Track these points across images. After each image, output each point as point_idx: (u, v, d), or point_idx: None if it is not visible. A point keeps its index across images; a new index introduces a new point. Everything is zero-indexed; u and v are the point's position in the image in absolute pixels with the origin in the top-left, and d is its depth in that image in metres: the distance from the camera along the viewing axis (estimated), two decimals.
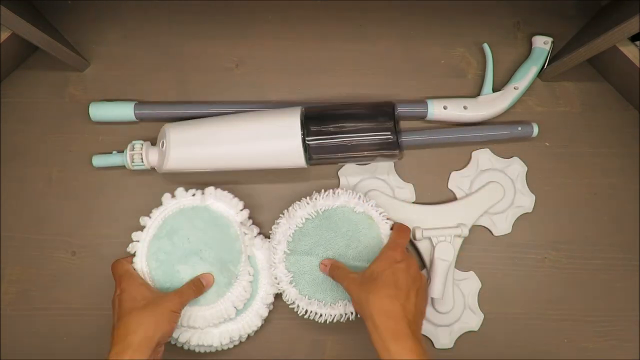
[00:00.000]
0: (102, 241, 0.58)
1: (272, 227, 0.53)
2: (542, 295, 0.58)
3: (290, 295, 0.52)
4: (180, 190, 0.53)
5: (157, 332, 0.44)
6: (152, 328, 0.44)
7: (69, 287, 0.57)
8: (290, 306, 0.52)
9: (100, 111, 0.58)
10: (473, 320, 0.57)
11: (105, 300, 0.56)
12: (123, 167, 0.56)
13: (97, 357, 0.55)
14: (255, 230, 0.56)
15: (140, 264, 0.51)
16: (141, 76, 0.61)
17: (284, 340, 0.57)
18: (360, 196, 0.53)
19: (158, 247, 0.52)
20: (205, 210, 0.52)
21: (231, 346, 0.54)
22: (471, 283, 0.57)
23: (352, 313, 0.51)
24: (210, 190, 0.53)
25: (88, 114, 0.58)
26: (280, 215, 0.53)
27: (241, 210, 0.53)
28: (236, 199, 0.53)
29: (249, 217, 0.55)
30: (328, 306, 0.52)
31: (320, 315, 0.52)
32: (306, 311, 0.52)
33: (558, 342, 0.57)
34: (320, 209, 0.52)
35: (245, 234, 0.53)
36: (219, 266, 0.52)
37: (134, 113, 0.58)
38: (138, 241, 0.52)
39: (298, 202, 0.53)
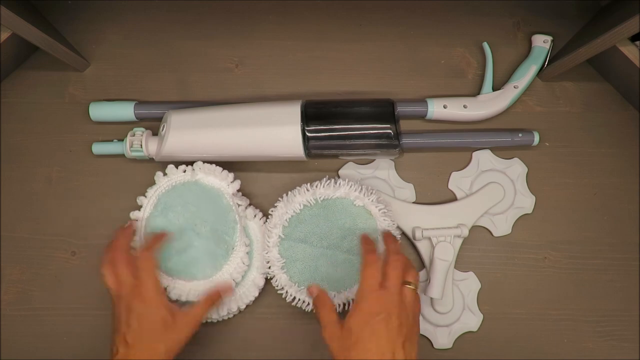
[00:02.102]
0: (102, 241, 0.57)
1: (270, 210, 0.53)
2: (542, 295, 0.58)
3: (281, 280, 0.52)
4: (171, 167, 0.53)
5: (170, 356, 0.44)
6: (165, 354, 0.44)
7: (69, 287, 0.57)
8: (279, 291, 0.52)
9: (100, 111, 0.58)
10: (472, 320, 0.57)
11: (105, 300, 0.56)
12: (123, 161, 0.56)
13: (97, 357, 0.55)
14: (246, 201, 0.55)
15: (139, 243, 0.52)
16: (141, 76, 0.61)
17: (284, 340, 0.57)
18: (362, 189, 0.52)
19: (154, 225, 0.52)
20: (195, 184, 0.53)
21: (231, 316, 0.54)
22: (471, 283, 0.57)
23: (338, 305, 0.51)
24: (199, 164, 0.53)
25: (88, 114, 0.58)
26: (279, 199, 0.53)
27: (232, 182, 0.53)
28: (225, 171, 0.53)
29: (238, 190, 0.55)
30: None
31: (308, 304, 0.51)
32: (294, 298, 0.52)
33: (558, 342, 0.57)
34: (320, 198, 0.51)
35: (239, 204, 0.53)
36: (215, 239, 0.52)
37: (134, 113, 0.58)
38: (137, 220, 0.53)
39: (298, 188, 0.52)
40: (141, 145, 0.54)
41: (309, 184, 0.52)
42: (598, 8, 0.62)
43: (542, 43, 0.61)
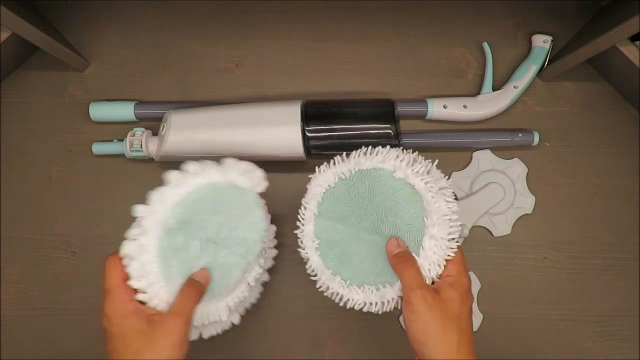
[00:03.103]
0: (102, 241, 0.58)
1: (307, 185, 0.45)
2: (542, 295, 0.58)
3: (314, 264, 0.44)
4: (192, 166, 0.41)
5: None
6: None
7: (69, 287, 0.57)
8: (312, 278, 0.45)
9: (100, 111, 0.58)
10: (472, 320, 0.57)
11: None
12: (123, 161, 0.56)
13: (97, 357, 0.55)
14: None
15: (153, 273, 0.39)
16: (141, 76, 0.61)
17: (284, 340, 0.57)
18: (405, 157, 0.41)
19: (170, 243, 0.40)
20: (224, 185, 0.42)
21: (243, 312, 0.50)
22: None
23: (375, 304, 0.43)
24: (229, 161, 0.42)
25: (88, 114, 0.58)
26: (317, 167, 0.44)
27: (262, 180, 0.43)
28: (258, 168, 0.44)
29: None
30: (352, 288, 0.43)
31: (341, 296, 0.43)
32: (327, 287, 0.44)
33: (558, 342, 0.57)
34: (354, 169, 0.42)
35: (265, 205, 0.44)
36: (240, 248, 0.42)
37: (134, 113, 0.58)
38: (138, 240, 0.40)
39: (334, 158, 0.44)
40: (141, 145, 0.54)
41: (345, 153, 0.43)
42: (598, 8, 0.62)
43: (542, 43, 0.61)
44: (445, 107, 0.58)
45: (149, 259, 0.39)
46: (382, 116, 0.54)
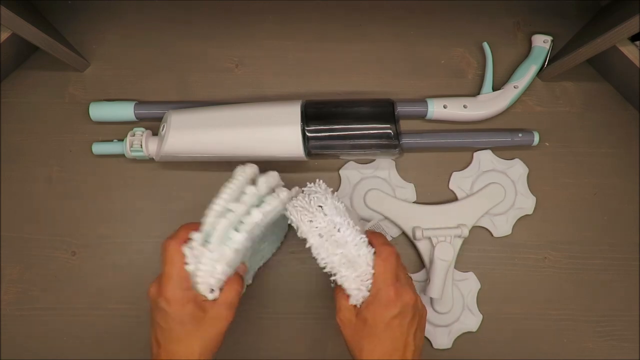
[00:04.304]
0: (102, 241, 0.58)
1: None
2: (541, 295, 0.58)
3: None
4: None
5: (207, 355, 0.41)
6: (201, 352, 0.40)
7: (69, 287, 0.57)
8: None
9: (101, 111, 0.58)
10: (472, 320, 0.57)
11: (105, 300, 0.56)
12: (123, 161, 0.56)
13: (97, 357, 0.55)
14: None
15: (220, 267, 0.41)
16: (141, 76, 0.61)
17: (284, 340, 0.57)
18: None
19: (243, 254, 0.43)
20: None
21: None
22: (470, 284, 0.57)
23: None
24: (286, 193, 0.43)
25: (88, 114, 0.58)
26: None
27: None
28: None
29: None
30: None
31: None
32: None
33: (558, 342, 0.57)
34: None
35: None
36: (273, 228, 0.49)
37: (134, 113, 0.58)
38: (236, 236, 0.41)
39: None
40: (141, 145, 0.54)
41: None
42: (598, 8, 0.62)
43: (542, 43, 0.61)
44: (445, 107, 0.58)
45: (224, 266, 0.41)
46: (382, 116, 0.54)
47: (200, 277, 0.40)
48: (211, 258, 0.40)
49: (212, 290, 0.41)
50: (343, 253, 0.41)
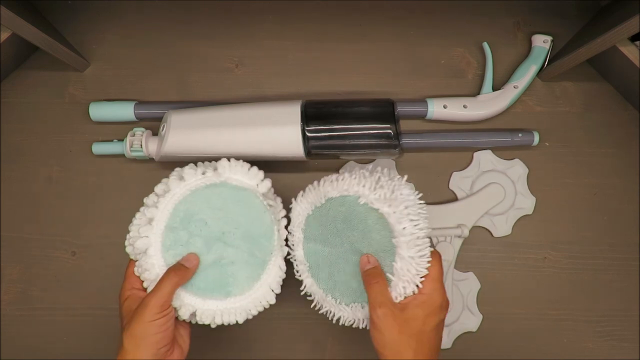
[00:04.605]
0: (102, 241, 0.58)
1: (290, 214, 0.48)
2: (541, 295, 0.58)
3: (307, 285, 0.48)
4: (189, 170, 0.45)
5: (146, 355, 0.40)
6: (135, 355, 0.39)
7: (69, 287, 0.57)
8: (308, 298, 0.49)
9: (101, 111, 0.58)
10: (472, 321, 0.57)
11: (105, 300, 0.56)
12: (123, 161, 0.56)
13: (97, 357, 0.55)
14: (279, 201, 0.49)
15: (157, 266, 0.44)
16: (141, 76, 0.61)
17: (284, 340, 0.57)
18: (365, 183, 0.41)
19: (173, 239, 0.45)
20: (221, 186, 0.45)
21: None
22: (470, 284, 0.57)
23: (362, 320, 0.45)
24: (224, 163, 0.45)
25: (88, 114, 0.58)
26: (293, 199, 0.47)
27: (262, 180, 0.47)
28: (255, 168, 0.46)
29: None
30: (342, 307, 0.46)
31: (332, 313, 0.47)
32: (321, 306, 0.48)
33: (558, 342, 0.57)
34: (323, 197, 0.44)
35: (270, 205, 0.47)
36: (249, 246, 0.46)
37: (134, 113, 0.58)
38: (147, 237, 0.44)
39: (310, 185, 0.46)
40: (141, 145, 0.54)
41: (316, 182, 0.45)
42: (598, 8, 0.62)
43: (542, 43, 0.61)
44: (445, 107, 0.58)
45: (153, 254, 0.44)
46: (382, 116, 0.54)
47: (142, 273, 0.44)
48: (142, 246, 0.44)
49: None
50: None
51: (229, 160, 0.46)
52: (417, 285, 0.41)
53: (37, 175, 0.59)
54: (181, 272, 0.43)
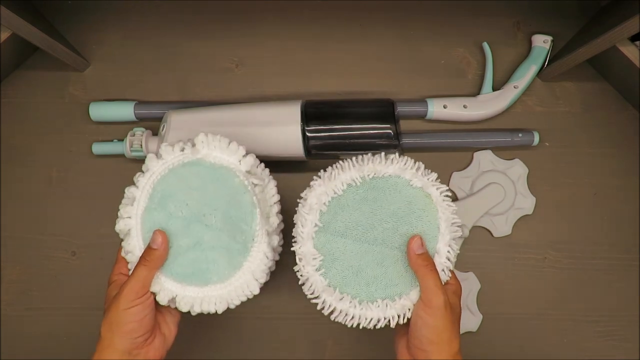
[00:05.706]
0: (102, 241, 0.58)
1: (304, 192, 0.42)
2: (542, 296, 0.58)
3: (317, 285, 0.41)
4: (165, 147, 0.42)
5: (121, 344, 0.38)
6: (111, 343, 0.38)
7: (69, 287, 0.57)
8: (313, 301, 0.42)
9: (101, 111, 0.58)
10: (472, 321, 0.57)
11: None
12: (123, 161, 0.56)
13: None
14: (266, 176, 0.45)
15: (138, 248, 0.42)
16: (141, 76, 0.61)
17: (284, 340, 0.57)
18: (419, 166, 0.41)
19: (152, 221, 0.42)
20: (199, 164, 0.42)
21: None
22: (470, 284, 0.57)
23: (392, 318, 0.40)
24: (201, 138, 0.42)
25: (88, 114, 0.58)
26: (314, 177, 0.42)
27: (244, 156, 0.43)
28: (235, 144, 0.43)
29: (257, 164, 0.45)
30: (365, 305, 0.41)
31: (352, 317, 0.41)
32: (333, 310, 0.41)
33: (558, 342, 0.57)
34: (368, 175, 0.40)
35: (255, 184, 0.43)
36: (229, 230, 0.42)
37: (134, 113, 0.58)
38: (130, 217, 0.42)
39: (341, 162, 0.41)
40: (141, 145, 0.54)
41: (355, 159, 0.41)
42: (598, 8, 0.62)
43: (542, 43, 0.61)
44: (445, 107, 0.58)
45: (134, 235, 0.42)
46: (382, 116, 0.54)
47: (126, 255, 0.43)
48: (123, 229, 0.43)
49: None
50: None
51: (206, 135, 0.43)
52: (448, 274, 0.42)
53: (37, 175, 0.59)
54: (149, 255, 0.41)
